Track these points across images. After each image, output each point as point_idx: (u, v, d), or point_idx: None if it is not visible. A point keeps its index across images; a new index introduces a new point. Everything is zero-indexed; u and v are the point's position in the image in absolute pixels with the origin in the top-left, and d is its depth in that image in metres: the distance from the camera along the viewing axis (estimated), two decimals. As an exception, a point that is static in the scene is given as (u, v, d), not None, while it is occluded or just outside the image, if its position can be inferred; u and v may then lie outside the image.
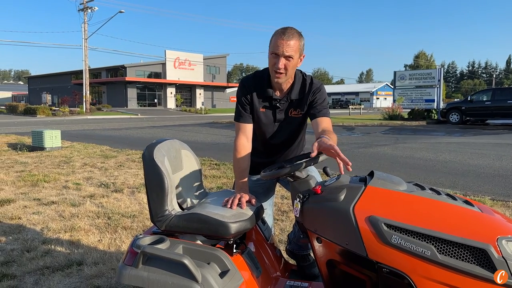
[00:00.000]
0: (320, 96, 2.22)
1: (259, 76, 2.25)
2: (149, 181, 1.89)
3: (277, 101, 2.23)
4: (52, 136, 10.48)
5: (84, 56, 37.08)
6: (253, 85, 2.24)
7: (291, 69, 2.10)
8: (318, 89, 2.22)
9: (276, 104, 2.24)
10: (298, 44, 2.06)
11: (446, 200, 1.67)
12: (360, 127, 20.46)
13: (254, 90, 2.24)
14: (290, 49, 2.02)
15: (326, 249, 1.74)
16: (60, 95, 52.76)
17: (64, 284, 2.91)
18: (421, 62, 58.86)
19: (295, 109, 2.26)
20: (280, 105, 2.24)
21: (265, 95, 2.23)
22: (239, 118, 2.26)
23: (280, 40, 2.02)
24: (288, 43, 2.02)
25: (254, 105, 2.25)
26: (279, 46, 2.02)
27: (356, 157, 9.34)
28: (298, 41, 2.06)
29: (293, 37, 2.03)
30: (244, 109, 2.25)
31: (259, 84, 2.23)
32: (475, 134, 15.31)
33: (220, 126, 21.44)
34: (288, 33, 2.03)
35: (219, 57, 63.12)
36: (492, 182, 6.40)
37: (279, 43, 2.02)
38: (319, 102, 2.21)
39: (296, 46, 2.04)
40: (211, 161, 8.53)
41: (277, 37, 2.04)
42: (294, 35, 2.04)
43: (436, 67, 43.68)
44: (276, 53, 2.04)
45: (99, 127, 20.71)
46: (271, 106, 2.26)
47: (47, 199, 5.30)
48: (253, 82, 2.25)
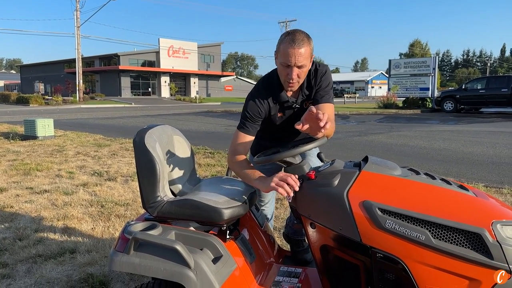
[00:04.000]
0: (324, 80, 2.11)
1: (268, 83, 2.11)
2: (140, 167, 1.85)
3: (293, 102, 2.12)
4: (45, 125, 10.38)
5: (77, 44, 36.63)
6: (266, 96, 2.08)
7: (304, 75, 2.00)
8: (323, 73, 2.11)
9: (293, 106, 2.13)
10: (309, 49, 1.92)
11: (440, 185, 1.65)
12: (355, 115, 20.46)
13: (269, 101, 2.09)
14: (302, 58, 1.89)
15: (320, 234, 1.73)
16: (53, 84, 52.10)
17: (57, 272, 2.89)
18: (416, 50, 58.75)
19: (308, 100, 2.15)
20: (297, 104, 2.14)
21: (280, 100, 2.09)
22: (243, 129, 2.08)
23: (291, 49, 1.87)
24: (300, 52, 1.87)
25: (271, 114, 2.13)
26: (291, 56, 1.88)
27: (351, 145, 9.34)
28: (309, 47, 1.92)
29: (303, 43, 1.88)
30: (254, 123, 2.09)
31: (271, 92, 2.09)
32: (469, 122, 15.36)
33: (215, 115, 21.36)
34: (298, 41, 1.87)
35: (213, 46, 62.62)
36: (486, 169, 6.42)
37: (290, 52, 1.87)
38: (322, 87, 2.10)
39: (307, 53, 1.91)
40: (205, 149, 8.50)
41: (286, 46, 1.88)
42: (304, 41, 1.89)
43: (431, 55, 43.64)
44: (288, 64, 1.91)
45: (92, 116, 20.56)
46: (289, 108, 2.14)
47: (40, 187, 5.26)
48: (265, 94, 2.08)
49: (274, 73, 2.10)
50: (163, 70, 52.54)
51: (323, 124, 1.62)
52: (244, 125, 2.08)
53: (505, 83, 19.20)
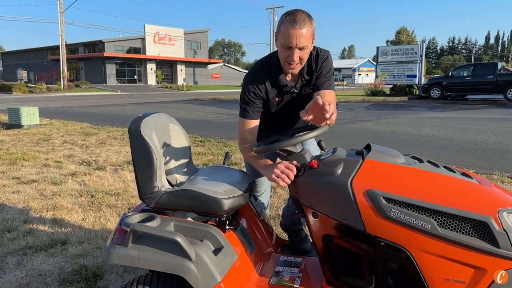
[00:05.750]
0: (326, 65, 2.05)
1: (267, 65, 2.04)
2: (137, 157, 1.79)
3: (292, 87, 2.06)
4: (30, 113, 10.16)
5: (60, 31, 35.79)
6: (264, 79, 2.02)
7: (306, 57, 1.92)
8: (325, 59, 2.06)
9: (291, 90, 2.08)
10: (311, 30, 1.84)
11: (444, 173, 1.63)
12: (343, 103, 20.50)
13: (266, 85, 2.03)
14: (303, 39, 1.81)
15: (322, 224, 1.70)
16: (37, 72, 51.02)
17: (48, 264, 2.83)
18: (402, 38, 58.85)
19: (308, 86, 2.10)
20: (296, 89, 2.08)
21: (278, 84, 2.03)
22: (246, 115, 2.03)
23: (292, 30, 1.79)
24: (301, 33, 1.79)
25: (269, 98, 2.07)
26: (292, 37, 1.80)
27: (341, 133, 9.35)
28: (311, 27, 1.84)
29: (305, 23, 1.80)
30: (255, 107, 2.03)
31: (270, 75, 2.03)
32: (456, 109, 15.51)
33: (203, 103, 21.18)
34: (299, 21, 1.79)
35: (200, 32, 61.82)
36: (474, 155, 6.49)
37: (291, 33, 1.80)
38: (323, 73, 2.04)
39: (309, 33, 1.83)
40: (195, 138, 8.42)
41: (287, 27, 1.81)
42: (305, 21, 1.81)
43: (417, 42, 43.79)
44: (289, 46, 1.83)
45: (78, 104, 20.21)
46: (287, 93, 2.09)
47: (27, 177, 5.14)
48: (263, 76, 2.02)
49: (274, 55, 2.03)
50: (149, 57, 51.78)
51: (329, 115, 1.58)
52: (246, 111, 2.04)
53: (490, 70, 19.41)
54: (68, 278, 2.63)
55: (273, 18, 48.73)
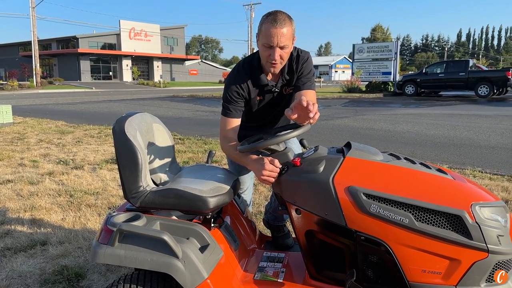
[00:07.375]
0: (306, 66, 2.13)
1: (249, 65, 2.09)
2: (121, 157, 1.80)
3: (273, 86, 2.12)
4: (3, 111, 9.89)
5: (32, 26, 34.82)
6: (246, 79, 2.07)
7: (287, 56, 1.99)
8: (305, 60, 2.13)
9: (272, 89, 2.13)
10: (291, 30, 1.92)
11: (421, 169, 1.71)
12: (321, 100, 20.71)
13: (248, 84, 2.08)
14: (284, 38, 1.88)
15: (305, 220, 1.75)
16: (7, 68, 49.48)
17: (29, 265, 2.80)
18: (377, 35, 59.89)
19: (288, 86, 2.17)
20: (277, 88, 2.14)
21: (259, 83, 2.09)
22: (228, 114, 2.08)
23: (273, 29, 1.86)
24: (282, 32, 1.86)
25: (250, 97, 2.12)
26: (273, 36, 1.87)
27: (319, 129, 9.48)
28: (291, 27, 1.91)
29: (285, 23, 1.87)
30: (237, 106, 2.08)
31: (251, 74, 2.08)
32: (430, 105, 15.91)
33: (181, 100, 21.03)
34: (280, 20, 1.86)
35: (176, 28, 61.16)
36: (448, 151, 6.70)
37: (272, 32, 1.86)
38: (304, 74, 2.12)
39: (289, 33, 1.90)
40: (175, 135, 8.38)
41: (268, 26, 1.87)
42: (286, 21, 1.88)
43: (392, 40, 44.62)
44: (271, 45, 1.90)
45: (52, 102, 19.75)
46: (268, 92, 2.14)
47: (2, 177, 5.03)
48: (245, 76, 2.07)
49: (256, 55, 2.09)
50: (124, 53, 50.94)
51: (312, 115, 1.66)
52: (228, 109, 2.08)
53: (462, 67, 19.95)
54: (49, 279, 2.60)
55: (251, 15, 48.69)
